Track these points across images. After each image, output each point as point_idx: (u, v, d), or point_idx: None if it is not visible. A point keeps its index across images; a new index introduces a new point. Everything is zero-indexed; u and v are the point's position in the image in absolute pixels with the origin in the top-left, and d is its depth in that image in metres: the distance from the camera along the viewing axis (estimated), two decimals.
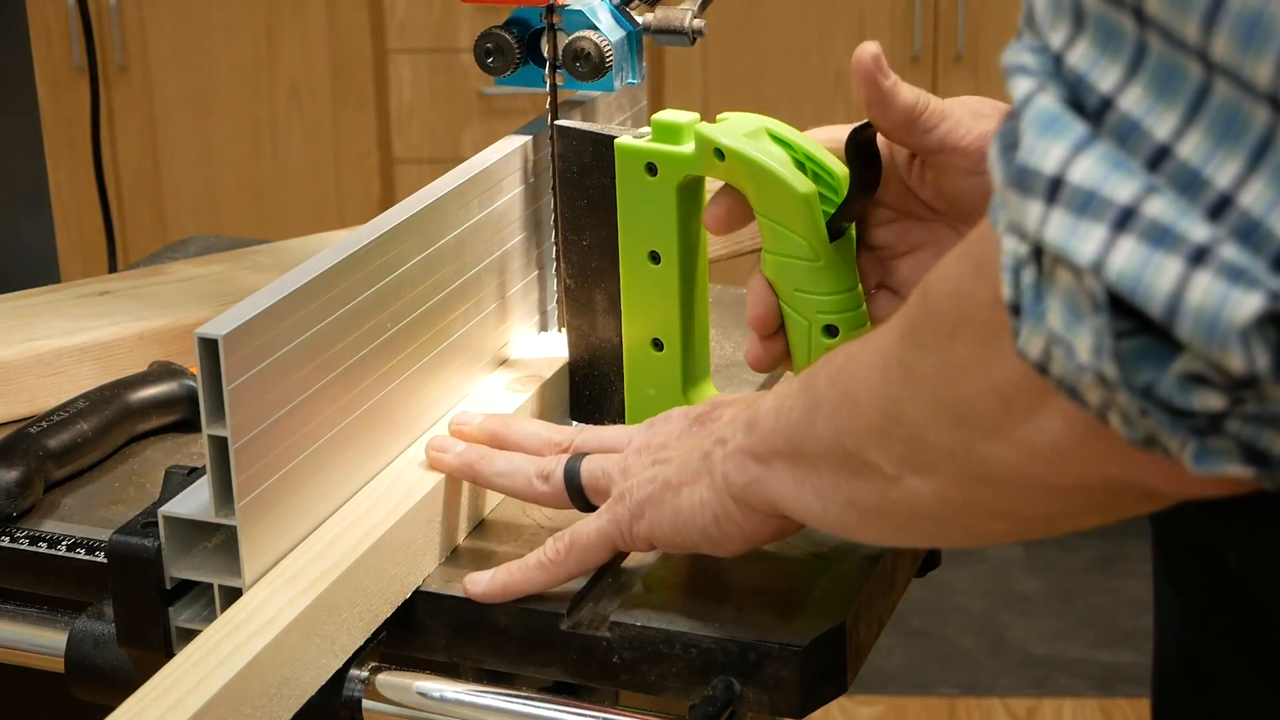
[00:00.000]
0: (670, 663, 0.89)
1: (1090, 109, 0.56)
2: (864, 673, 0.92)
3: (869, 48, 0.93)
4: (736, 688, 0.88)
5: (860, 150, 0.97)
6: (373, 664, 0.91)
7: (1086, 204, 0.54)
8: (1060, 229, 0.55)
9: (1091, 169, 0.54)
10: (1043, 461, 0.65)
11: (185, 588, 0.92)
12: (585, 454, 0.95)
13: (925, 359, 0.69)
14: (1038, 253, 0.57)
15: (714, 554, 0.89)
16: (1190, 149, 0.53)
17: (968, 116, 0.95)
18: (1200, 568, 0.87)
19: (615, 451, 0.95)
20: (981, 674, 2.85)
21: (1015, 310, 0.59)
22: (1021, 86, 0.57)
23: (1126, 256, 0.53)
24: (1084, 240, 0.54)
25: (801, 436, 0.81)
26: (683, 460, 0.89)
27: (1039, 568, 3.13)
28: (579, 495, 0.95)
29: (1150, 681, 0.95)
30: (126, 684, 0.90)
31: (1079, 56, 0.56)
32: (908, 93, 0.94)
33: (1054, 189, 0.55)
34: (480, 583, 0.93)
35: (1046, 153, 0.55)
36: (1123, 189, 0.54)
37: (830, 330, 0.98)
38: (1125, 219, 0.53)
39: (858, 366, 0.76)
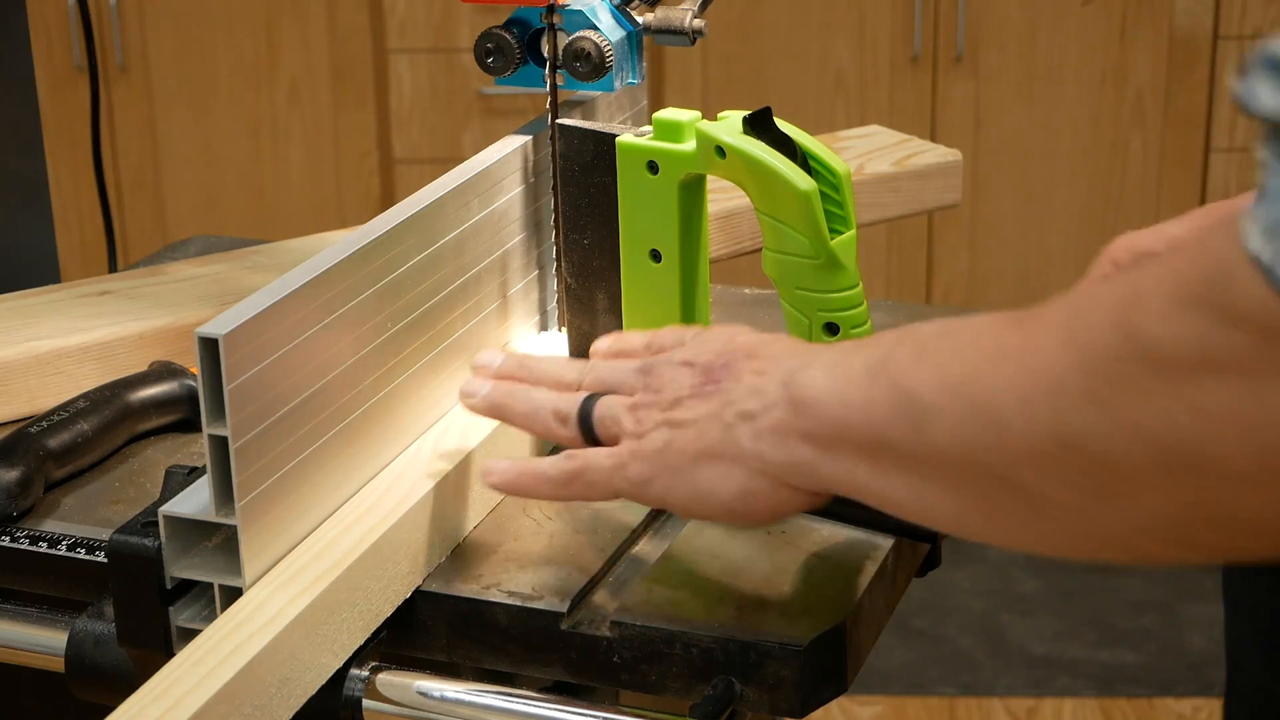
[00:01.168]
0: (670, 662, 0.89)
1: None
2: (864, 673, 0.92)
3: None
4: (737, 687, 0.88)
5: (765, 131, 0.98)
6: (373, 663, 0.91)
7: None
8: None
9: None
10: None
11: (185, 587, 0.92)
12: (598, 396, 0.93)
13: (1135, 399, 0.64)
14: None
15: (734, 524, 0.88)
16: None
17: None
18: None
19: (620, 394, 0.92)
20: (981, 674, 2.85)
21: None
22: None
23: None
24: None
25: (896, 437, 0.76)
26: (700, 429, 0.86)
27: (1039, 568, 3.13)
28: (593, 439, 0.92)
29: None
30: (126, 684, 0.90)
31: None
32: None
33: None
34: (497, 471, 0.93)
35: None
36: None
37: (831, 328, 0.98)
38: None
39: (995, 380, 0.71)
